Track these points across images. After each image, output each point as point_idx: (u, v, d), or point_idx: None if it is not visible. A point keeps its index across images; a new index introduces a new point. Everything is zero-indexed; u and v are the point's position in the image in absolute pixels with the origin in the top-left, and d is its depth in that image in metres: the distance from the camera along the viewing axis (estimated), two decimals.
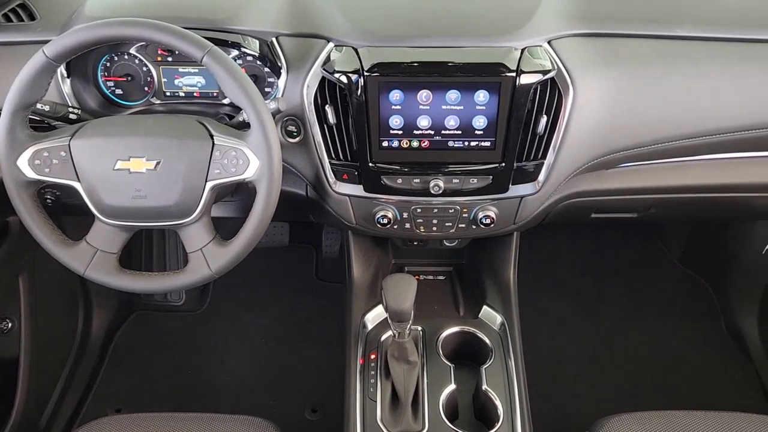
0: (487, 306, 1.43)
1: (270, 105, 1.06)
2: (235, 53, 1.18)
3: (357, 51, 1.10)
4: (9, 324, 1.58)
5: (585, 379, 1.86)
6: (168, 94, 1.26)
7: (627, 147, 1.20)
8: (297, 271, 2.25)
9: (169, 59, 1.23)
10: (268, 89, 1.23)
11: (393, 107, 1.12)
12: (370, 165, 1.17)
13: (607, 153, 1.20)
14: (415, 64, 1.09)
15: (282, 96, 1.15)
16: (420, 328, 1.37)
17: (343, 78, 1.09)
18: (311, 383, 1.87)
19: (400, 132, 1.14)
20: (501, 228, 1.29)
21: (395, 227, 1.27)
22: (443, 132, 1.14)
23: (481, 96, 1.10)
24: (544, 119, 1.12)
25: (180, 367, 1.94)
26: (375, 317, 1.40)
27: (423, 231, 1.28)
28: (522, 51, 1.09)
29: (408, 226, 1.27)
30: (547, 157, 1.16)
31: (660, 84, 1.15)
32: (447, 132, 1.14)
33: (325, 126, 1.15)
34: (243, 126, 1.08)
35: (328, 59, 1.11)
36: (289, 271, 2.25)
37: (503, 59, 1.08)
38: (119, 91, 1.26)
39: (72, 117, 1.12)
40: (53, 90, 1.15)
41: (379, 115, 1.12)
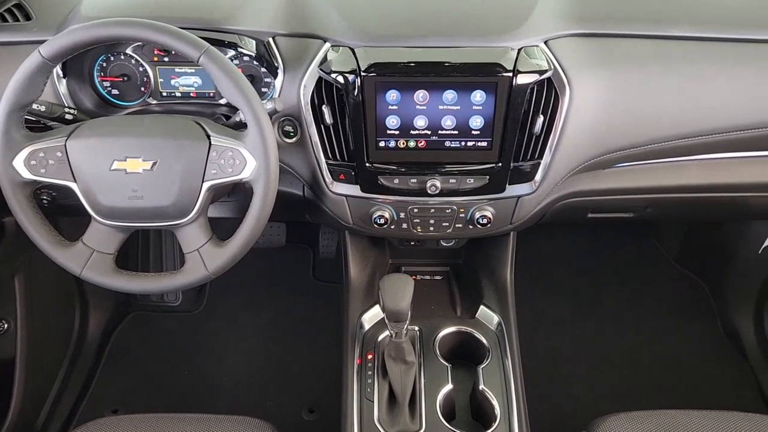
0: (484, 306, 1.43)
1: (267, 105, 1.06)
2: (232, 53, 1.18)
3: (354, 51, 1.10)
4: (5, 325, 1.58)
5: (582, 379, 1.86)
6: (164, 94, 1.26)
7: (623, 147, 1.20)
8: (294, 272, 2.25)
9: (166, 59, 1.23)
10: (264, 89, 1.23)
11: (390, 107, 1.12)
12: (366, 165, 1.17)
13: (604, 153, 1.20)
14: (412, 64, 1.09)
15: (279, 96, 1.15)
16: (417, 328, 1.37)
17: (340, 78, 1.09)
18: (308, 383, 1.87)
19: (396, 132, 1.14)
20: (498, 228, 1.29)
21: (392, 227, 1.27)
22: (440, 132, 1.14)
23: (478, 96, 1.10)
24: (540, 119, 1.12)
25: (177, 368, 1.94)
26: (372, 317, 1.40)
27: (420, 231, 1.28)
28: (519, 51, 1.09)
29: (405, 226, 1.27)
30: (544, 157, 1.16)
31: (656, 84, 1.16)
32: (444, 132, 1.14)
33: (322, 126, 1.15)
34: (240, 126, 1.08)
35: (324, 59, 1.11)
36: (286, 272, 2.25)
37: (500, 59, 1.08)
38: (115, 92, 1.25)
39: (68, 117, 1.12)
40: (49, 90, 1.15)
41: (376, 115, 1.12)
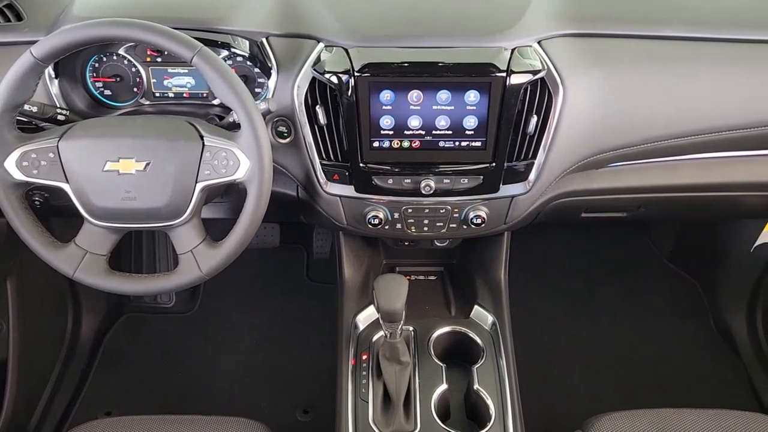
0: (479, 306, 1.44)
1: (260, 105, 1.06)
2: (225, 54, 1.18)
3: (347, 51, 1.10)
4: None
5: (576, 378, 1.87)
6: (157, 94, 1.25)
7: (616, 147, 1.20)
8: (288, 272, 2.25)
9: (159, 60, 1.22)
10: (258, 90, 1.23)
11: (384, 107, 1.12)
12: (360, 165, 1.17)
13: (597, 153, 1.20)
14: (406, 64, 1.09)
15: (272, 96, 1.15)
16: (411, 328, 1.37)
17: (334, 78, 1.09)
18: (303, 384, 1.86)
19: (390, 132, 1.14)
20: (492, 228, 1.29)
21: (386, 227, 1.27)
22: (434, 132, 1.14)
23: (472, 96, 1.10)
24: (534, 119, 1.12)
25: (171, 369, 1.93)
26: (366, 318, 1.40)
27: (414, 231, 1.28)
28: (512, 51, 1.09)
29: (399, 226, 1.27)
30: (538, 157, 1.16)
31: (649, 84, 1.16)
32: (438, 132, 1.14)
33: (316, 126, 1.15)
34: (233, 127, 1.08)
35: (318, 59, 1.11)
36: (280, 272, 2.25)
37: (493, 59, 1.08)
38: (108, 92, 1.25)
39: (60, 118, 1.11)
40: (41, 91, 1.14)
41: (370, 116, 1.12)
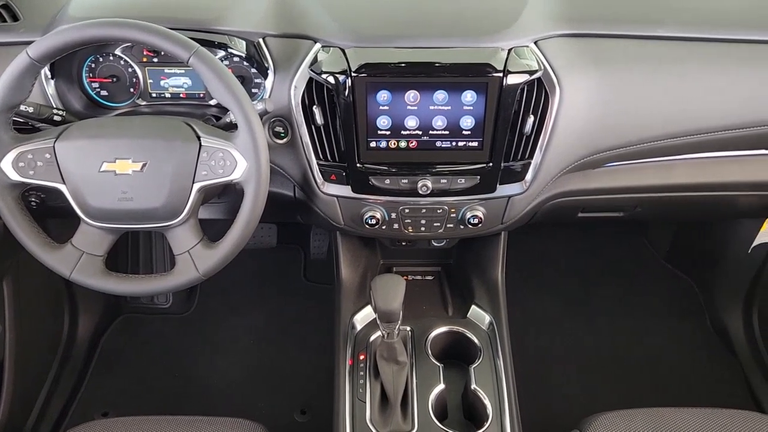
0: (476, 306, 1.44)
1: (257, 106, 1.06)
2: (222, 54, 1.18)
3: (344, 51, 1.10)
4: None
5: (572, 378, 1.87)
6: (154, 95, 1.25)
7: (613, 146, 1.20)
8: (285, 273, 2.24)
9: (155, 60, 1.22)
10: (255, 90, 1.23)
11: (381, 108, 1.12)
12: (357, 165, 1.17)
13: (594, 152, 1.21)
14: (403, 64, 1.09)
15: (269, 97, 1.14)
16: (409, 328, 1.37)
17: (331, 79, 1.09)
18: (300, 385, 1.86)
19: (387, 132, 1.14)
20: (489, 228, 1.30)
21: (383, 228, 1.27)
22: (431, 132, 1.14)
23: (469, 96, 1.10)
24: (531, 119, 1.12)
25: (168, 370, 1.93)
26: (364, 318, 1.40)
27: (411, 231, 1.28)
28: (509, 51, 1.09)
29: (396, 226, 1.27)
30: (534, 157, 1.17)
31: (645, 84, 1.16)
32: (435, 132, 1.14)
33: (313, 127, 1.15)
34: (230, 127, 1.08)
35: (315, 60, 1.11)
36: (277, 273, 2.24)
37: (490, 59, 1.08)
38: (104, 93, 1.25)
39: (56, 119, 1.11)
40: (37, 91, 1.14)
41: (367, 116, 1.12)
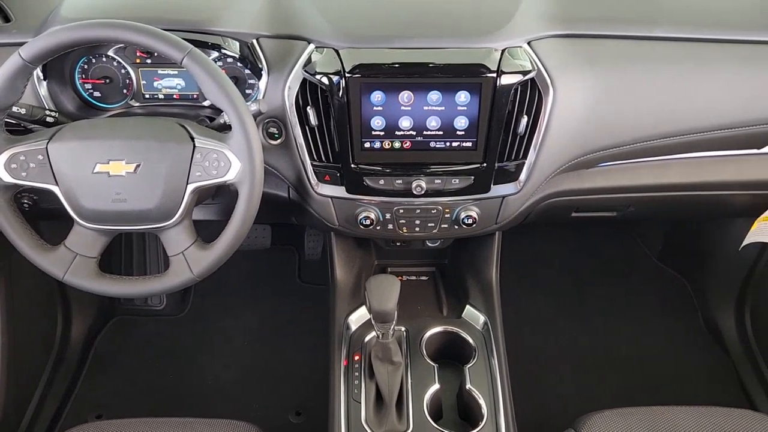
0: (470, 306, 1.44)
1: (251, 107, 1.06)
2: (215, 55, 1.17)
3: (338, 52, 1.10)
4: None
5: (567, 377, 1.88)
6: (147, 96, 1.25)
7: (606, 146, 1.21)
8: (279, 274, 2.24)
9: (148, 61, 1.22)
10: (248, 91, 1.22)
11: (374, 108, 1.12)
12: (352, 166, 1.17)
13: (587, 152, 1.21)
14: (396, 65, 1.09)
15: (263, 98, 1.14)
16: (403, 328, 1.37)
17: (325, 79, 1.09)
18: (295, 385, 1.86)
19: (381, 133, 1.14)
20: (483, 228, 1.30)
21: (378, 228, 1.27)
22: (425, 133, 1.14)
23: (462, 97, 1.11)
24: (524, 119, 1.13)
25: (162, 372, 1.92)
26: (358, 318, 1.40)
27: (406, 232, 1.28)
28: (502, 52, 1.10)
29: (391, 226, 1.27)
30: (528, 157, 1.17)
31: (638, 84, 1.17)
32: (428, 133, 1.14)
33: (307, 127, 1.15)
34: (224, 128, 1.08)
35: (309, 60, 1.11)
36: (272, 274, 2.24)
37: (484, 60, 1.09)
38: (97, 94, 1.24)
39: (49, 120, 1.11)
40: (29, 93, 1.13)
41: (361, 116, 1.12)
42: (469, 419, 1.25)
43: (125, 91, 1.24)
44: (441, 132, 1.14)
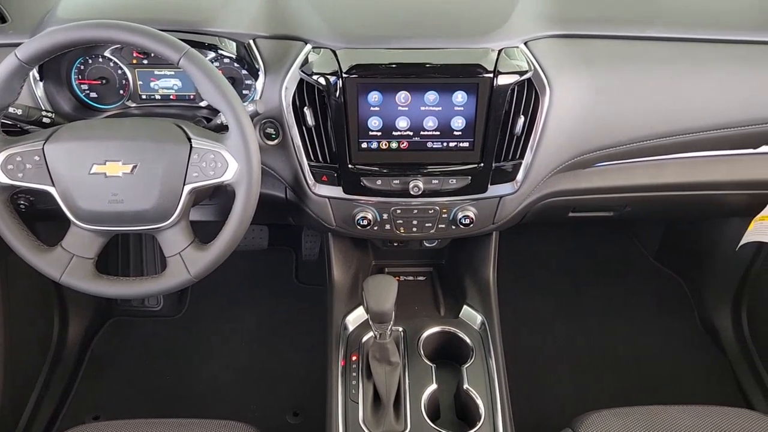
0: (468, 306, 1.44)
1: (248, 107, 1.06)
2: (212, 55, 1.17)
3: (335, 53, 1.10)
4: None
5: (564, 377, 1.88)
6: (144, 97, 1.24)
7: (603, 146, 1.21)
8: (277, 274, 2.24)
9: (145, 62, 1.22)
10: (245, 91, 1.22)
11: (371, 108, 1.12)
12: (349, 166, 1.17)
13: (584, 152, 1.21)
14: (393, 65, 1.09)
15: (260, 98, 1.14)
16: (401, 328, 1.37)
17: (322, 80, 1.09)
18: (292, 386, 1.86)
19: (379, 133, 1.14)
20: (480, 228, 1.30)
21: (375, 228, 1.27)
22: (422, 133, 1.15)
23: (459, 97, 1.11)
24: (521, 120, 1.13)
25: (159, 373, 1.92)
26: (356, 319, 1.40)
27: (403, 232, 1.28)
28: (499, 52, 1.10)
29: (388, 227, 1.27)
30: (525, 157, 1.17)
31: (634, 84, 1.17)
32: (426, 133, 1.15)
33: (304, 128, 1.15)
34: (221, 129, 1.08)
35: (306, 61, 1.11)
36: (269, 274, 2.24)
37: (480, 60, 1.09)
38: (94, 95, 1.24)
39: (45, 121, 1.11)
40: (26, 93, 1.13)
41: (358, 117, 1.12)
42: (467, 419, 1.25)
43: (122, 92, 1.24)
44: (438, 132, 1.14)
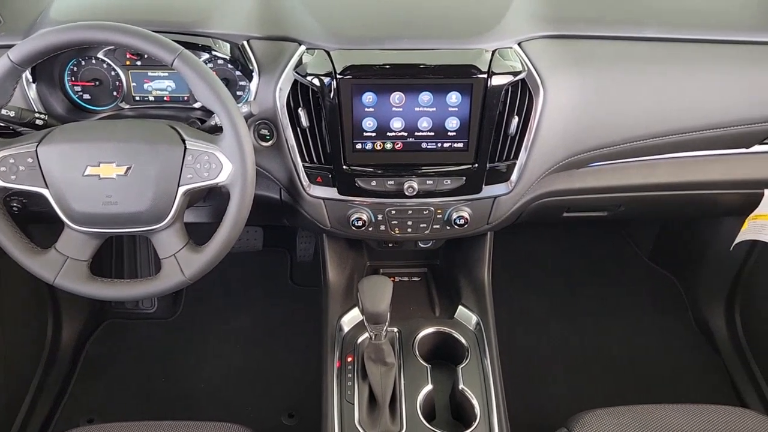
0: (463, 306, 1.44)
1: (242, 108, 1.05)
2: (206, 57, 1.17)
3: (329, 53, 1.10)
4: None
5: (559, 377, 1.88)
6: (137, 98, 1.24)
7: (596, 146, 1.22)
8: (271, 276, 2.24)
9: (138, 63, 1.21)
10: (240, 93, 1.22)
11: (366, 109, 1.12)
12: (344, 167, 1.17)
13: (578, 152, 1.22)
14: (387, 66, 1.09)
15: (254, 99, 1.14)
16: (396, 329, 1.37)
17: (316, 81, 1.09)
18: (288, 388, 1.86)
19: (373, 134, 1.14)
20: (475, 228, 1.30)
21: (370, 229, 1.27)
22: (416, 134, 1.15)
23: (454, 97, 1.11)
24: (515, 120, 1.13)
25: (154, 375, 1.92)
26: (351, 320, 1.40)
27: (398, 232, 1.28)
28: (493, 53, 1.10)
29: (383, 228, 1.27)
30: (519, 158, 1.17)
31: (628, 84, 1.18)
32: (420, 134, 1.15)
33: (298, 129, 1.15)
34: (215, 130, 1.08)
35: (300, 62, 1.11)
36: (264, 276, 2.23)
37: (474, 61, 1.09)
38: (87, 96, 1.24)
39: (38, 123, 1.10)
40: (18, 95, 1.13)
41: (353, 118, 1.12)
42: (462, 419, 1.25)
43: (115, 94, 1.24)
44: (432, 133, 1.15)
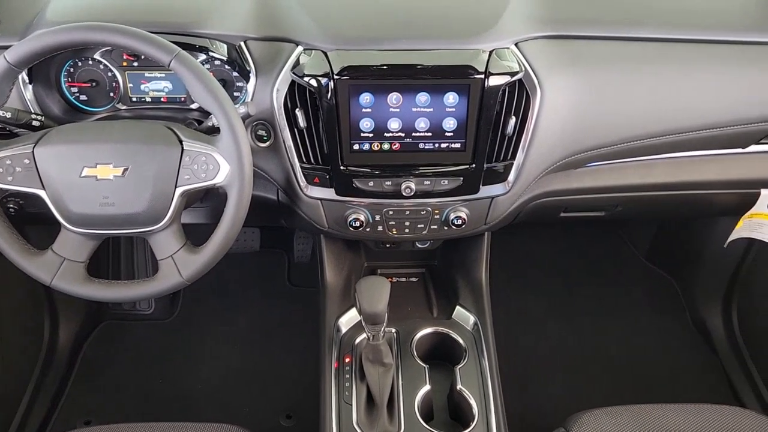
0: (460, 306, 1.44)
1: (239, 109, 1.05)
2: (203, 57, 1.17)
3: (326, 54, 1.10)
4: None
5: (557, 377, 1.89)
6: (134, 99, 1.24)
7: (593, 147, 1.22)
8: (269, 277, 2.23)
9: (135, 64, 1.21)
10: (237, 93, 1.22)
11: (363, 110, 1.12)
12: (341, 168, 1.17)
13: (575, 153, 1.22)
14: (385, 66, 1.09)
15: (251, 100, 1.14)
16: (394, 330, 1.37)
17: (313, 81, 1.09)
18: (285, 389, 1.86)
19: (370, 135, 1.14)
20: (472, 228, 1.30)
21: (368, 230, 1.27)
22: (414, 134, 1.15)
23: (451, 98, 1.11)
24: (512, 120, 1.13)
25: (151, 377, 1.91)
26: (349, 320, 1.40)
27: (395, 233, 1.28)
28: (490, 53, 1.10)
29: (380, 228, 1.27)
30: (517, 158, 1.18)
31: (625, 84, 1.18)
32: (417, 134, 1.15)
33: (296, 130, 1.15)
34: (212, 131, 1.07)
35: (297, 63, 1.11)
36: (261, 277, 2.23)
37: (472, 61, 1.09)
38: (84, 97, 1.23)
39: (35, 124, 1.10)
40: (15, 96, 1.12)
41: (350, 118, 1.12)
42: (460, 420, 1.25)
43: (112, 95, 1.24)
44: (430, 133, 1.15)
